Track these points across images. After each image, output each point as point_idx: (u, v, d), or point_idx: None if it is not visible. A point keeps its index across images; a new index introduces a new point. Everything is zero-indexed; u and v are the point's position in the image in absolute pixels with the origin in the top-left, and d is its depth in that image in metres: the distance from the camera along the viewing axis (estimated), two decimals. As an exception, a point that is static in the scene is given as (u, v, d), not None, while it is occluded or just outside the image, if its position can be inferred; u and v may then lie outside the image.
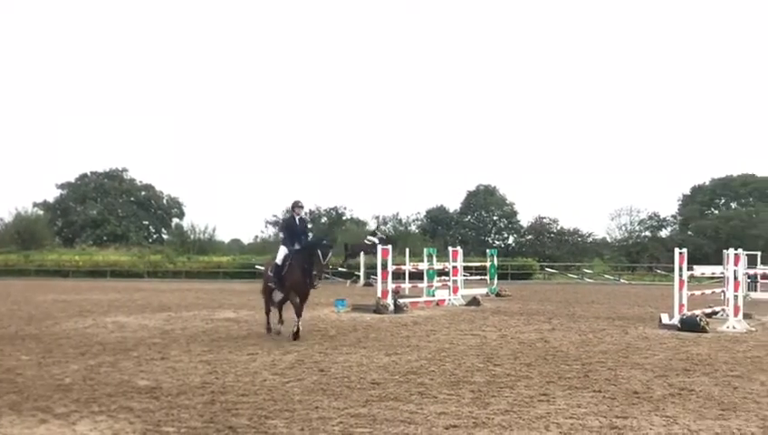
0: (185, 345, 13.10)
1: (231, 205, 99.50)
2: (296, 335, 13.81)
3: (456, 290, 24.59)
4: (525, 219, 71.74)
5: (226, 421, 7.27)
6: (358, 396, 8.50)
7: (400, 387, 9.10)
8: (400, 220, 70.74)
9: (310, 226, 15.84)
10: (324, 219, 67.38)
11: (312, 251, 14.11)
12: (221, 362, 11.16)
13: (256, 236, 71.01)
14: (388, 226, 67.54)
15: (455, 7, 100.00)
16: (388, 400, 8.31)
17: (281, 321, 14.85)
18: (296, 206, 14.83)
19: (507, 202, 72.54)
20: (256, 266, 48.80)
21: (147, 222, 75.68)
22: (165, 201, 77.27)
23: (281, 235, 15.70)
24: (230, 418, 7.42)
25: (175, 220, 75.80)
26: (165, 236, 72.28)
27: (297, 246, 14.34)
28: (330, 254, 14.59)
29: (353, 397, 8.45)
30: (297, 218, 14.80)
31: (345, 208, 69.56)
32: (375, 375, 9.97)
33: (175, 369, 10.48)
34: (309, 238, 14.82)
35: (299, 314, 14.18)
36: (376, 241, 34.80)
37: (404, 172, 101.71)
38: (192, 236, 62.72)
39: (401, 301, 21.19)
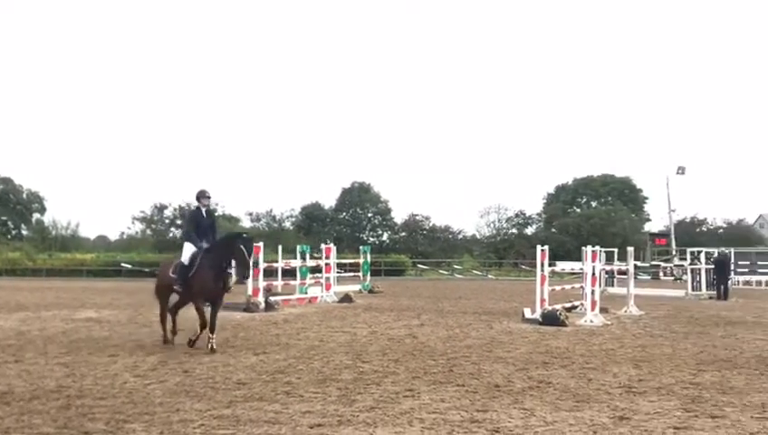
0: (41, 347, 12.46)
1: (96, 200, 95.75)
2: (212, 350, 11.83)
3: (328, 287, 24.60)
4: (399, 216, 72.68)
5: (81, 426, 6.95)
6: (222, 397, 8.33)
7: (267, 387, 8.99)
8: (274, 217, 70.15)
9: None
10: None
11: (231, 247, 12.06)
12: (79, 364, 10.68)
13: (123, 233, 68.68)
14: (262, 221, 66.82)
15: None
16: (254, 400, 8.19)
17: (174, 331, 12.94)
18: (202, 196, 12.80)
19: (381, 199, 73.26)
20: (122, 264, 47.19)
21: (5, 217, 71.65)
22: (24, 195, 73.33)
23: (184, 229, 14.04)
24: (86, 423, 7.10)
25: (35, 216, 72.18)
26: (24, 233, 68.73)
27: (205, 244, 12.39)
28: (254, 250, 13.31)
29: (217, 398, 8.27)
30: (204, 211, 12.87)
31: (217, 205, 68.27)
32: (241, 375, 9.81)
33: (29, 372, 9.95)
34: (216, 235, 12.81)
35: (212, 328, 12.06)
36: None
37: (278, 168, 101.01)
38: (54, 233, 60.00)
39: (273, 299, 21.00)
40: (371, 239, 69.20)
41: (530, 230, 71.64)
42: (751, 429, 7.06)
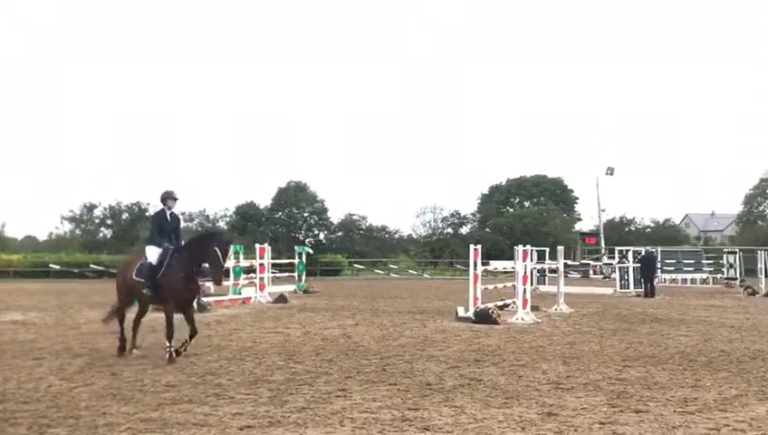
0: (-39, 352, 12.05)
1: (23, 199, 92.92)
2: (177, 354, 11.08)
3: (262, 287, 24.41)
4: (336, 216, 72.54)
5: (3, 432, 6.76)
6: (150, 400, 8.18)
7: (196, 389, 8.86)
8: (207, 216, 69.20)
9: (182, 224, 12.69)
10: (126, 215, 64.49)
11: (206, 248, 11.16)
12: (2, 368, 10.37)
13: (51, 233, 66.83)
14: (195, 221, 65.90)
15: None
16: (182, 402, 8.07)
17: (135, 344, 11.84)
18: (168, 197, 11.87)
19: (318, 199, 72.96)
20: (51, 265, 45.97)
21: (-75, 217, 69.03)
22: (-53, 194, 70.85)
23: (148, 232, 12.39)
24: (7, 428, 6.90)
25: (-41, 215, 69.74)
26: (-53, 233, 66.24)
27: (168, 246, 11.49)
28: (230, 251, 12.48)
29: (145, 401, 8.12)
30: (168, 214, 11.91)
31: (148, 204, 66.99)
32: (170, 378, 9.65)
33: (-53, 378, 9.61)
34: (180, 240, 11.79)
35: (169, 338, 11.05)
36: None
37: (212, 167, 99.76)
38: (-22, 233, 57.95)
39: (205, 300, 20.72)
40: (307, 239, 68.92)
41: (465, 230, 72.36)
42: (673, 422, 7.26)
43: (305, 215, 73.29)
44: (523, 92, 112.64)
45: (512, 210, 72.66)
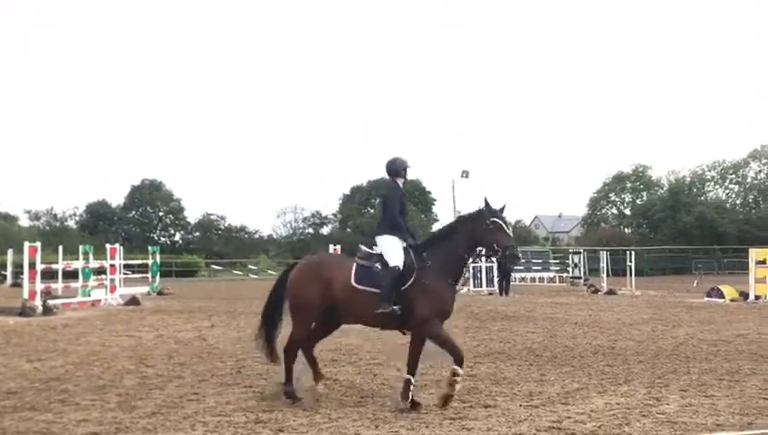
0: None
1: None
2: (448, 398, 7.94)
3: (113, 289, 23.52)
4: (193, 216, 70.98)
5: None
6: (-13, 409, 7.72)
7: (40, 395, 8.44)
8: (56, 215, 65.99)
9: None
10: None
11: (478, 226, 8.13)
12: None
13: None
14: (42, 220, 62.69)
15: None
16: (24, 410, 7.66)
17: (319, 373, 8.70)
18: (403, 168, 8.60)
19: (174, 198, 71.18)
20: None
21: None
22: None
23: (385, 213, 8.43)
24: None
25: None
26: None
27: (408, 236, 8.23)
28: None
29: (-19, 410, 7.65)
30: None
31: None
32: (12, 384, 9.13)
33: None
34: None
35: (460, 360, 7.92)
36: None
37: (60, 163, 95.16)
38: None
39: (51, 302, 19.75)
40: (162, 239, 67.04)
41: (326, 230, 72.64)
42: (519, 416, 7.58)
43: (161, 214, 71.36)
44: (382, 94, 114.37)
45: (372, 211, 73.57)
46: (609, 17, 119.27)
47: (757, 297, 24.51)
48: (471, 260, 8.48)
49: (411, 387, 7.90)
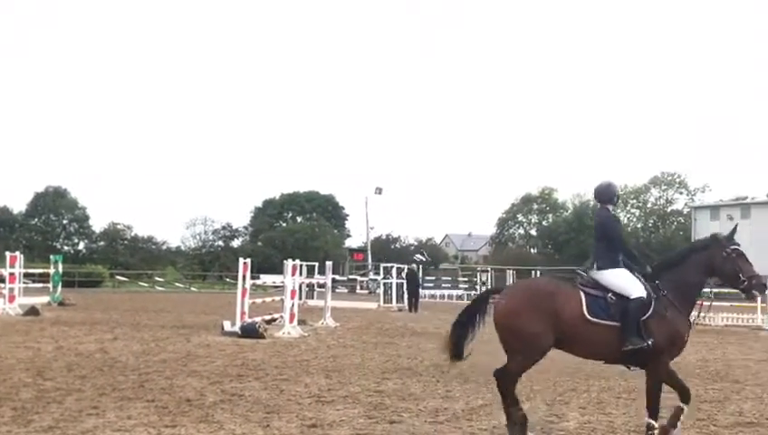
0: None
1: None
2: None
3: (12, 299, 22.63)
4: (98, 225, 68.95)
5: None
6: None
7: (-74, 410, 8.03)
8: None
9: None
10: None
11: (712, 258, 7.59)
12: None
13: None
14: None
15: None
16: None
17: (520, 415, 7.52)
18: (618, 194, 8.35)
19: (79, 206, 69.00)
20: None
21: None
22: None
23: (611, 242, 7.69)
24: None
25: None
26: None
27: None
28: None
29: None
30: None
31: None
32: None
33: None
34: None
35: (688, 397, 7.44)
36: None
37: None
38: None
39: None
40: (66, 248, 64.87)
41: (236, 243, 71.73)
42: (424, 432, 7.66)
43: (64, 222, 69.04)
44: (295, 108, 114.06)
45: (285, 224, 73.11)
46: (504, 42, 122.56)
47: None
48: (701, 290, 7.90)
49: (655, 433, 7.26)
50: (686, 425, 8.30)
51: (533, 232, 78.12)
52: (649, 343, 7.13)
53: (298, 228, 68.74)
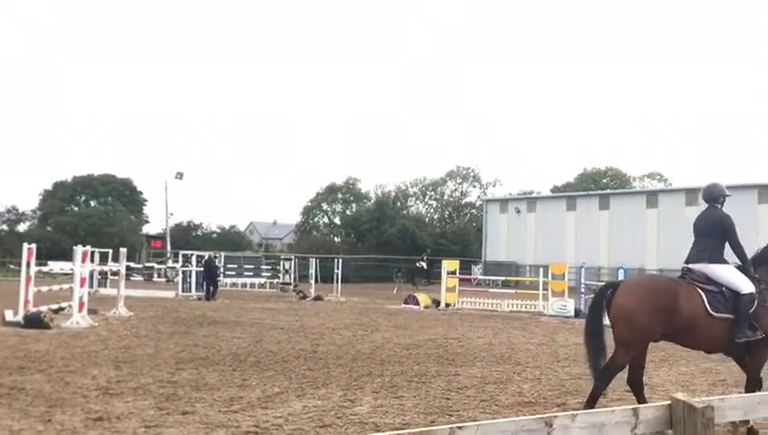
0: None
1: None
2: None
3: None
4: None
5: None
6: None
7: None
8: None
9: None
10: None
11: None
12: None
13: None
14: None
15: None
16: None
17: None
18: (725, 195, 8.39)
19: None
20: None
21: None
22: None
23: (712, 238, 8.13)
24: None
25: None
26: None
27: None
28: None
29: None
30: None
31: None
32: None
33: None
34: None
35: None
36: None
37: None
38: None
39: None
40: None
41: (23, 227, 66.96)
42: (217, 421, 7.55)
43: None
44: (88, 85, 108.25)
45: (77, 209, 69.17)
46: (302, 21, 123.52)
47: (447, 305, 26.71)
48: None
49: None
50: (471, 406, 8.82)
51: (337, 221, 79.20)
52: (761, 334, 7.61)
53: (92, 213, 65.20)
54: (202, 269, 30.88)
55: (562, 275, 25.88)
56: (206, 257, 31.72)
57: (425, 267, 40.91)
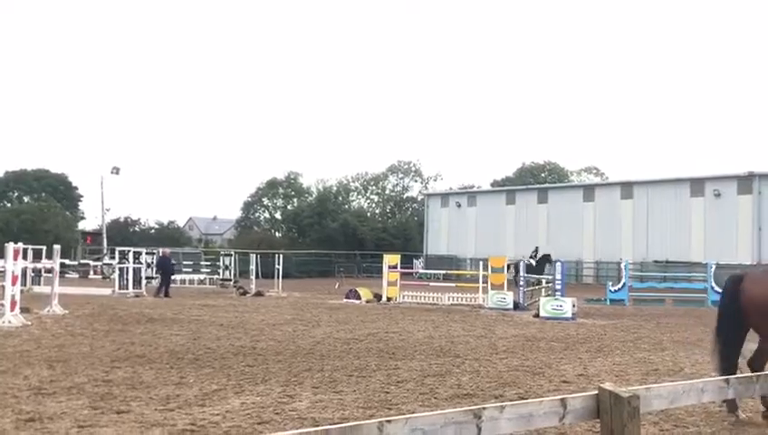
0: None
1: None
2: None
3: None
4: None
5: None
6: None
7: None
8: None
9: None
10: None
11: None
12: None
13: None
14: None
15: None
16: None
17: None
18: None
19: None
20: None
21: None
22: None
23: None
24: None
25: None
26: None
27: None
28: None
29: None
30: None
31: None
32: None
33: None
34: None
35: None
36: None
37: None
38: None
39: None
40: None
41: (-50, 224, 64.79)
42: (153, 420, 7.46)
43: None
44: (21, 78, 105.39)
45: (9, 205, 67.28)
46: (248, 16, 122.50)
47: (388, 299, 26.81)
48: None
49: None
50: (410, 399, 8.89)
51: (278, 216, 78.71)
52: None
53: (25, 209, 63.41)
54: (155, 265, 30.41)
55: (501, 268, 26.20)
56: (160, 253, 31.25)
57: (533, 265, 34.89)
